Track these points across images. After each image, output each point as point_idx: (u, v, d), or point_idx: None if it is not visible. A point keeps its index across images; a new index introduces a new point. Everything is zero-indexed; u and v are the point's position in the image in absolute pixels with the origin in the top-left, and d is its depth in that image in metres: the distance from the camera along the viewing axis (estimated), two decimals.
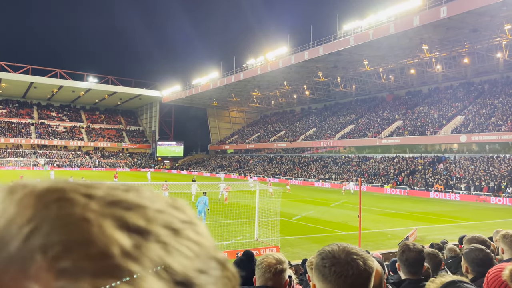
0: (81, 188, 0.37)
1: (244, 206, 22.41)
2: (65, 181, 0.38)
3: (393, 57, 49.70)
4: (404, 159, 50.17)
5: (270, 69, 58.23)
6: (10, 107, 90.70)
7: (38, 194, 0.36)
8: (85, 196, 0.36)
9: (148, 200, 0.39)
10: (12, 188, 0.37)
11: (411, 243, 2.90)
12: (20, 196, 0.36)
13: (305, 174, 58.89)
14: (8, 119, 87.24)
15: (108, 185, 0.39)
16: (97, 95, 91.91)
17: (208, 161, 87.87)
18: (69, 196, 0.36)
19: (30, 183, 0.38)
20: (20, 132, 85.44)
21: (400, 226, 20.48)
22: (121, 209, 0.36)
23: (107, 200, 0.36)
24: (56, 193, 0.36)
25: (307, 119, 75.90)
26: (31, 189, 0.37)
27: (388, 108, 61.64)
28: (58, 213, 0.34)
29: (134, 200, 0.38)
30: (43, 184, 0.37)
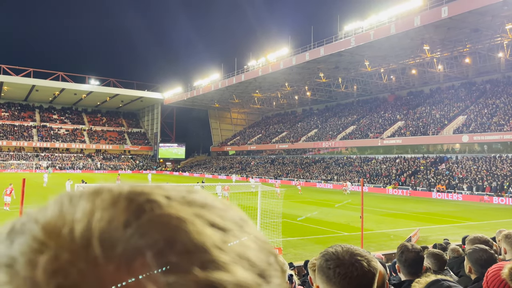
0: (159, 190, 0.40)
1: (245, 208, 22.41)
2: (136, 184, 0.41)
3: (394, 58, 49.67)
4: (406, 160, 50.10)
5: (271, 70, 58.28)
6: (12, 110, 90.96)
7: (127, 197, 0.38)
8: (166, 198, 0.39)
9: (210, 199, 0.42)
10: (99, 191, 0.39)
11: (410, 243, 2.89)
12: (111, 199, 0.38)
13: (307, 175, 58.87)
14: (10, 122, 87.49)
15: (173, 187, 0.42)
16: (99, 98, 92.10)
17: (210, 163, 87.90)
18: (154, 198, 0.38)
19: (114, 186, 0.40)
20: (22, 135, 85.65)
21: (402, 226, 20.44)
22: (198, 208, 0.39)
23: (184, 201, 0.40)
24: (143, 195, 0.38)
25: (309, 120, 75.88)
26: (118, 192, 0.39)
27: (389, 108, 61.59)
28: (153, 213, 0.37)
29: (202, 200, 0.41)
30: (125, 187, 0.40)
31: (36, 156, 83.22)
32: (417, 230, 16.92)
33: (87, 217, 0.37)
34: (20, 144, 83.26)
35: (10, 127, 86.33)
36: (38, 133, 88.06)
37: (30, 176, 53.93)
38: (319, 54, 49.29)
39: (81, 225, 0.36)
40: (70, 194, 0.42)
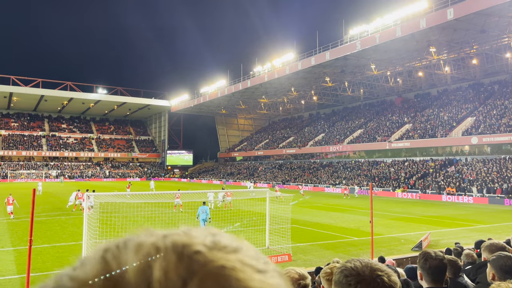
0: (196, 239, 0.43)
1: (254, 214, 22.39)
2: (172, 233, 0.44)
3: (400, 60, 49.51)
4: (415, 163, 49.73)
5: (277, 75, 58.38)
6: (21, 120, 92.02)
7: (174, 251, 0.41)
8: (206, 247, 0.42)
9: (236, 242, 0.46)
10: (141, 245, 0.42)
11: (432, 250, 2.87)
12: (157, 252, 0.41)
13: (315, 179, 58.67)
14: (20, 132, 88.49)
15: (200, 231, 0.45)
16: (107, 106, 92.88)
17: (218, 169, 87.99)
18: (198, 249, 0.41)
19: (153, 238, 0.43)
20: (32, 144, 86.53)
21: (413, 230, 20.25)
22: (236, 254, 0.43)
23: (221, 247, 0.43)
24: (188, 248, 0.41)
25: (316, 125, 75.75)
26: (164, 246, 0.41)
27: (397, 111, 61.28)
28: (206, 267, 0.40)
29: (233, 243, 0.45)
30: (166, 240, 0.42)
31: (46, 165, 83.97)
32: (427, 234, 16.75)
33: (140, 276, 0.38)
34: (30, 153, 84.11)
35: (20, 137, 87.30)
36: (47, 142, 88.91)
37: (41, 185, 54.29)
38: (325, 58, 49.30)
39: (137, 285, 0.38)
40: (108, 247, 0.43)
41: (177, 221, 21.79)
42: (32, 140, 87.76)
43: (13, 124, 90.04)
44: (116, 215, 21.87)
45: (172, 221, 21.63)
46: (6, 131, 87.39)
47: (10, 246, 15.72)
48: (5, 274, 11.76)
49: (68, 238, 17.37)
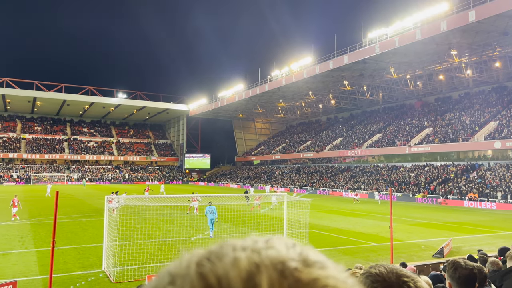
0: (288, 254, 0.45)
1: (272, 218, 22.34)
2: (255, 246, 0.45)
3: (420, 64, 48.81)
4: (436, 167, 48.82)
5: (294, 79, 58.30)
6: (44, 124, 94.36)
7: (275, 268, 0.42)
8: (302, 263, 0.44)
9: (318, 255, 0.49)
10: (237, 261, 0.43)
11: (462, 260, 2.83)
12: (263, 271, 0.42)
13: (333, 184, 58.20)
14: (43, 136, 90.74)
15: (280, 242, 0.47)
16: (126, 110, 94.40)
17: (235, 173, 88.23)
18: (296, 266, 0.44)
19: (249, 255, 0.43)
20: (54, 148, 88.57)
21: (433, 236, 19.87)
22: (328, 269, 0.45)
23: (310, 263, 0.45)
24: (286, 265, 0.43)
25: (334, 128, 75.23)
26: (262, 263, 0.42)
27: (417, 115, 60.34)
28: (312, 286, 0.42)
29: (318, 258, 0.48)
30: (262, 255, 0.44)
31: (67, 168, 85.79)
32: (449, 241, 16.41)
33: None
34: (52, 157, 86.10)
35: (43, 140, 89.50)
36: (69, 146, 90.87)
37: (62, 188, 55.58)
38: (343, 62, 49.01)
39: None
40: (200, 261, 0.43)
41: (194, 224, 21.92)
42: (54, 144, 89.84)
43: (36, 128, 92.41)
44: (136, 218, 22.18)
45: (190, 223, 21.79)
46: (30, 134, 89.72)
47: (33, 247, 16.10)
48: (28, 275, 12.04)
49: (89, 240, 17.68)
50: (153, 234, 18.11)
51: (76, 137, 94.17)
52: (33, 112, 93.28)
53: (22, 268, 12.83)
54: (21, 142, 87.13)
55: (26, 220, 24.06)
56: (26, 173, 79.62)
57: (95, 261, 13.64)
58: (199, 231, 20.08)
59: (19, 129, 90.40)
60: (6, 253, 14.99)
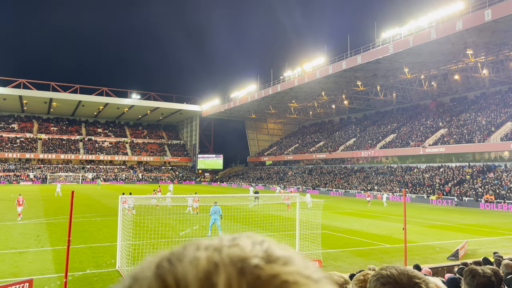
0: (250, 251, 0.45)
1: (284, 219, 22.32)
2: (219, 245, 0.45)
3: (435, 63, 48.20)
4: (451, 168, 48.13)
5: (307, 80, 58.12)
6: (60, 125, 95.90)
7: (234, 266, 0.42)
8: (263, 260, 0.44)
9: (284, 250, 0.48)
10: (196, 261, 0.42)
11: (480, 267, 2.79)
12: (220, 270, 0.42)
13: (346, 185, 57.84)
14: (59, 136, 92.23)
15: (247, 239, 0.47)
16: (140, 111, 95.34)
17: (247, 173, 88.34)
18: (257, 263, 0.44)
19: (209, 255, 0.43)
20: (70, 148, 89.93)
21: (448, 238, 19.60)
22: (291, 266, 0.45)
23: (273, 259, 0.45)
24: (246, 262, 0.43)
25: (347, 129, 74.76)
26: (221, 262, 0.42)
27: (431, 115, 59.59)
28: (272, 283, 0.42)
29: (283, 254, 0.47)
30: (222, 253, 0.44)
31: (82, 168, 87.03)
32: (464, 243, 16.17)
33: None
34: (68, 157, 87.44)
35: (59, 141, 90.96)
36: (84, 146, 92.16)
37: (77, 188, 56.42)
38: (356, 62, 48.69)
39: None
40: (160, 263, 0.43)
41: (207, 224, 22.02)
42: (70, 144, 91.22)
43: (52, 129, 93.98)
44: (149, 217, 22.39)
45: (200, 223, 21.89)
46: (46, 135, 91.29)
47: (49, 246, 16.37)
48: (44, 273, 12.26)
49: (103, 239, 17.91)
50: (166, 234, 18.25)
51: (91, 137, 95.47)
52: (49, 112, 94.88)
53: (38, 266, 13.06)
54: (37, 142, 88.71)
55: (42, 219, 24.49)
56: (42, 173, 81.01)
57: (109, 260, 13.81)
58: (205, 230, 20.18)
59: (36, 129, 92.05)
60: (22, 251, 15.28)
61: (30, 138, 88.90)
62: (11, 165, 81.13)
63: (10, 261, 13.65)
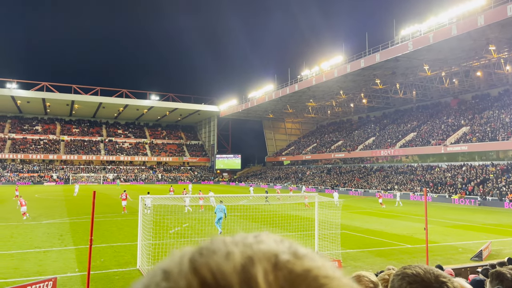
0: (278, 247, 0.46)
1: (303, 218, 22.23)
2: (246, 241, 0.46)
3: (456, 60, 47.18)
4: (473, 167, 47.05)
5: (325, 79, 57.73)
6: (82, 126, 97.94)
7: (268, 260, 0.43)
8: (293, 256, 0.45)
9: (305, 248, 0.50)
10: (231, 255, 0.43)
11: (507, 271, 2.70)
12: (256, 264, 0.43)
13: (365, 185, 57.21)
14: (80, 138, 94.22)
15: (267, 237, 0.48)
16: (159, 112, 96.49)
17: (265, 173, 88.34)
18: (288, 258, 0.45)
19: (242, 249, 0.44)
20: (91, 149, 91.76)
21: (471, 239, 19.17)
22: (318, 261, 0.47)
23: (309, 257, 0.47)
24: (279, 257, 0.44)
25: (366, 128, 73.94)
26: (255, 256, 0.44)
27: (452, 113, 58.38)
28: (307, 278, 0.43)
29: (308, 252, 0.48)
30: (253, 248, 0.45)
31: (103, 169, 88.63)
32: (488, 243, 15.79)
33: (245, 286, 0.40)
34: (89, 158, 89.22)
35: (81, 142, 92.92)
36: (104, 147, 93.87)
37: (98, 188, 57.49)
38: (375, 60, 48.10)
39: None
40: (193, 256, 0.44)
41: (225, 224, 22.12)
42: (91, 145, 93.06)
43: (74, 130, 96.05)
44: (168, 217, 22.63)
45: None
46: (68, 136, 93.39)
47: (72, 245, 16.74)
48: (68, 272, 12.54)
49: (124, 239, 18.20)
50: (186, 234, 18.42)
51: (111, 138, 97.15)
52: (71, 114, 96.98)
53: (61, 264, 13.37)
54: (60, 143, 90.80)
55: (65, 219, 25.04)
56: (65, 174, 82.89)
57: (130, 259, 14.03)
58: (229, 230, 20.26)
59: (58, 131, 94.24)
60: (47, 250, 15.67)
61: (53, 139, 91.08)
62: (35, 166, 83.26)
63: (34, 260, 14.02)
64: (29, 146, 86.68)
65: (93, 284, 10.91)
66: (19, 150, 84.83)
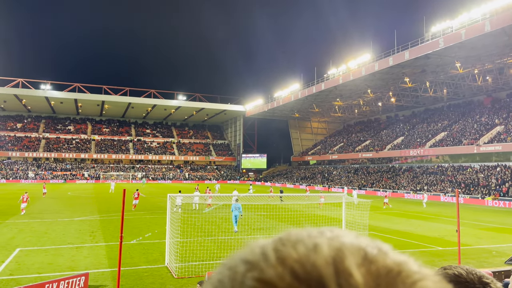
0: (362, 242, 0.45)
1: (330, 219, 22.03)
2: (327, 234, 0.45)
3: (490, 57, 45.60)
4: (508, 168, 45.32)
5: (352, 77, 56.96)
6: (112, 126, 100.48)
7: (358, 253, 0.42)
8: (378, 250, 0.44)
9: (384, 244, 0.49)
10: (318, 246, 0.42)
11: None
12: (345, 256, 0.42)
13: (394, 185, 56.10)
14: (110, 137, 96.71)
15: (341, 231, 0.47)
16: (186, 112, 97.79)
17: (291, 173, 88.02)
18: (375, 252, 0.43)
19: (327, 241, 0.43)
20: (120, 148, 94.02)
21: (506, 242, 18.48)
22: (407, 257, 0.46)
23: (392, 252, 0.46)
24: (365, 250, 0.43)
25: (394, 127, 72.48)
26: (344, 248, 0.42)
27: (486, 112, 56.41)
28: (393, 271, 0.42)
29: (386, 245, 0.48)
30: (339, 240, 0.44)
31: (132, 167, 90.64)
32: None
33: (342, 281, 0.39)
34: (119, 157, 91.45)
35: (110, 141, 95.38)
36: (133, 146, 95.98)
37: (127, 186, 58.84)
38: (404, 58, 47.08)
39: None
40: (276, 246, 0.43)
41: (250, 222, 22.19)
42: (120, 144, 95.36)
43: (104, 130, 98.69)
44: (195, 216, 22.91)
45: (246, 222, 22.08)
46: (99, 136, 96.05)
47: (103, 241, 17.20)
48: (99, 267, 12.89)
49: (152, 236, 18.54)
50: (212, 232, 18.59)
51: (140, 138, 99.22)
52: (101, 115, 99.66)
53: (93, 260, 13.76)
54: (91, 143, 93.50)
55: (96, 216, 25.75)
56: (96, 172, 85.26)
57: (159, 257, 14.28)
58: (255, 230, 20.33)
59: (90, 131, 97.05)
60: (79, 246, 16.16)
61: (85, 139, 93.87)
62: (68, 165, 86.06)
63: (67, 255, 14.48)
64: (62, 145, 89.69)
65: (123, 280, 11.17)
66: (53, 149, 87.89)
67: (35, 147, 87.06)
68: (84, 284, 10.64)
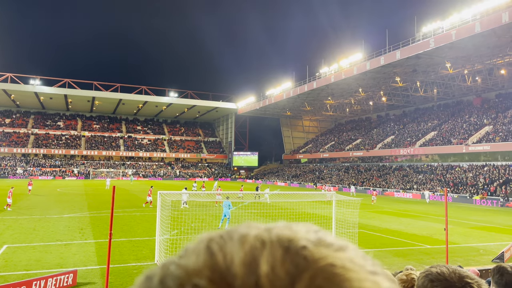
0: (302, 234, 0.43)
1: (320, 217, 22.11)
2: (275, 226, 0.44)
3: (479, 58, 46.10)
4: (496, 167, 45.93)
5: (344, 76, 57.19)
6: (102, 123, 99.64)
7: (280, 245, 0.41)
8: (313, 243, 0.42)
9: (339, 240, 0.46)
10: (245, 236, 0.43)
11: (508, 265, 2.66)
12: (263, 246, 0.41)
13: (384, 184, 56.52)
14: (100, 134, 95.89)
15: (303, 227, 0.45)
16: (178, 109, 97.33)
17: (282, 171, 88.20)
18: (305, 244, 0.42)
19: (258, 231, 0.43)
20: (111, 145, 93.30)
21: (493, 240, 18.75)
22: (343, 252, 0.43)
23: (325, 244, 0.43)
24: (294, 242, 0.41)
25: (385, 126, 72.99)
26: (269, 239, 0.42)
27: (475, 112, 57.06)
28: (315, 265, 0.40)
29: (335, 241, 0.45)
30: (271, 233, 0.43)
31: (123, 164, 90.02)
32: (510, 245, 15.39)
33: (247, 270, 0.38)
34: (109, 153, 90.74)
35: (101, 138, 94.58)
36: (124, 143, 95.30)
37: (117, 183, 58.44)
38: (395, 57, 47.39)
39: (245, 278, 0.38)
40: (212, 238, 0.44)
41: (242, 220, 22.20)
42: (111, 141, 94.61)
43: (95, 126, 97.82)
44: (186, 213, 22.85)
45: (238, 219, 22.09)
46: (89, 132, 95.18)
47: (92, 238, 17.07)
48: (88, 265, 12.80)
49: (142, 233, 18.46)
50: (203, 230, 18.56)
51: (130, 134, 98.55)
52: (92, 111, 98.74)
53: (82, 258, 13.65)
54: (81, 139, 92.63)
55: (86, 213, 25.55)
56: (85, 169, 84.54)
57: (148, 254, 14.22)
58: None
59: (80, 127, 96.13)
60: (67, 243, 16.02)
61: (75, 135, 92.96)
62: (57, 161, 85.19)
63: (56, 252, 14.35)
64: (51, 141, 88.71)
65: (112, 277, 11.10)
66: (42, 145, 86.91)
67: (23, 143, 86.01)
68: (73, 281, 10.56)
